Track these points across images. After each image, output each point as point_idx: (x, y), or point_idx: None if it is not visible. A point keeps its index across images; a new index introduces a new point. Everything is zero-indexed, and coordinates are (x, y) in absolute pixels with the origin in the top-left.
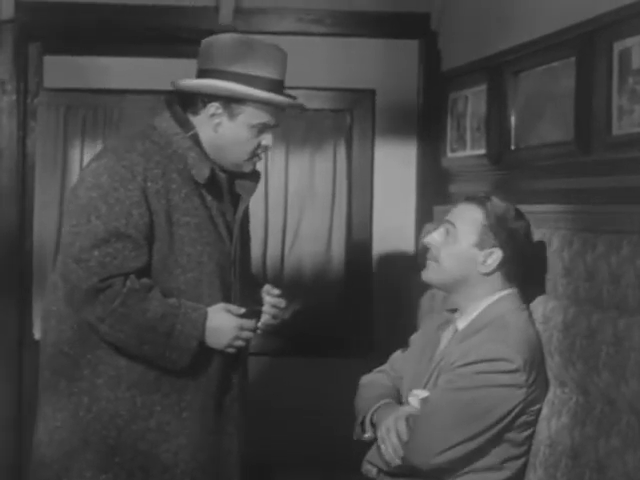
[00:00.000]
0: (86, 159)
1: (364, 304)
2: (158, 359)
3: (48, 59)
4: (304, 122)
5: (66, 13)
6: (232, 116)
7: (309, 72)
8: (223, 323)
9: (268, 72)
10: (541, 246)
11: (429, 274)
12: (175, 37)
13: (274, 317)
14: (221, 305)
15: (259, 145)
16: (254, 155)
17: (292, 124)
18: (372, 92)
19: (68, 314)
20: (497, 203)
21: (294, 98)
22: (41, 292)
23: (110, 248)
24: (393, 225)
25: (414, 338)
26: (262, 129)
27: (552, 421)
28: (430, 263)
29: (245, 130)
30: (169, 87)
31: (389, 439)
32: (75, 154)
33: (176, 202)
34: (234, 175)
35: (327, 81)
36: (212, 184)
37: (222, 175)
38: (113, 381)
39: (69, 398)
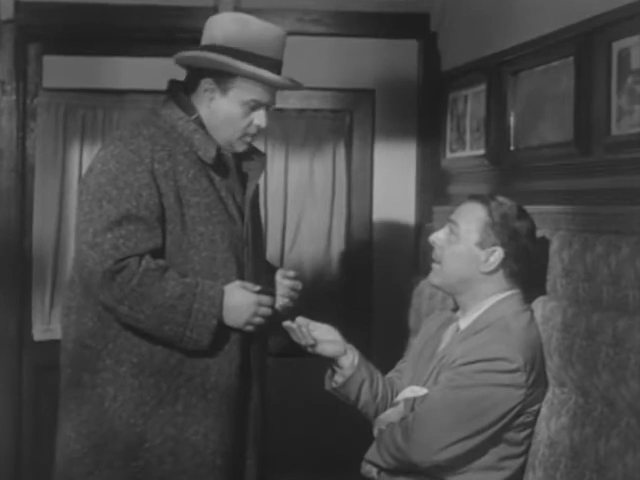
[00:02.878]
0: (86, 159)
1: (363, 304)
2: (179, 340)
3: (48, 59)
4: (304, 122)
5: (66, 13)
6: (224, 91)
7: (309, 72)
8: (241, 300)
9: (260, 49)
10: (543, 245)
11: (433, 277)
12: (174, 37)
13: (291, 299)
14: (237, 282)
15: (251, 123)
16: (246, 134)
17: (292, 124)
18: (372, 92)
19: (87, 307)
20: (501, 201)
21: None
22: (40, 292)
23: (123, 230)
24: (393, 225)
25: (414, 341)
26: (254, 107)
27: (552, 421)
28: (434, 266)
29: (237, 106)
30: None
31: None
32: (75, 154)
33: (184, 183)
34: (241, 157)
35: (327, 81)
36: (219, 164)
37: (228, 155)
38: (136, 369)
39: (93, 390)
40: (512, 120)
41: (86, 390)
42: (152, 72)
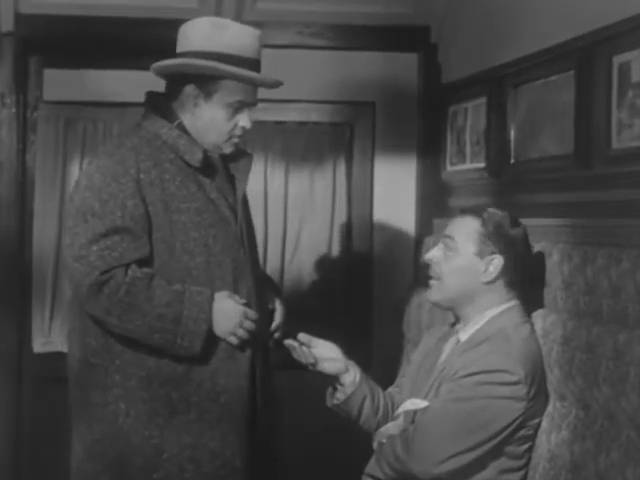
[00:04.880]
0: None
1: (364, 316)
2: (171, 348)
3: (48, 72)
4: (304, 135)
5: (66, 26)
6: (208, 96)
7: (309, 85)
8: (228, 307)
9: (240, 51)
10: (540, 256)
11: (433, 294)
12: (175, 50)
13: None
14: (225, 292)
15: (236, 126)
16: (232, 136)
17: (292, 137)
18: (372, 105)
19: (89, 327)
20: (493, 212)
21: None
22: (40, 305)
23: (108, 241)
24: (393, 238)
25: (413, 356)
26: (238, 108)
27: (552, 435)
28: (432, 283)
29: (221, 110)
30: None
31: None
32: (74, 167)
33: (172, 191)
34: (227, 158)
35: (327, 94)
36: (207, 167)
37: (215, 156)
38: (145, 382)
39: (105, 408)
40: (512, 133)
41: (97, 409)
42: (152, 85)
